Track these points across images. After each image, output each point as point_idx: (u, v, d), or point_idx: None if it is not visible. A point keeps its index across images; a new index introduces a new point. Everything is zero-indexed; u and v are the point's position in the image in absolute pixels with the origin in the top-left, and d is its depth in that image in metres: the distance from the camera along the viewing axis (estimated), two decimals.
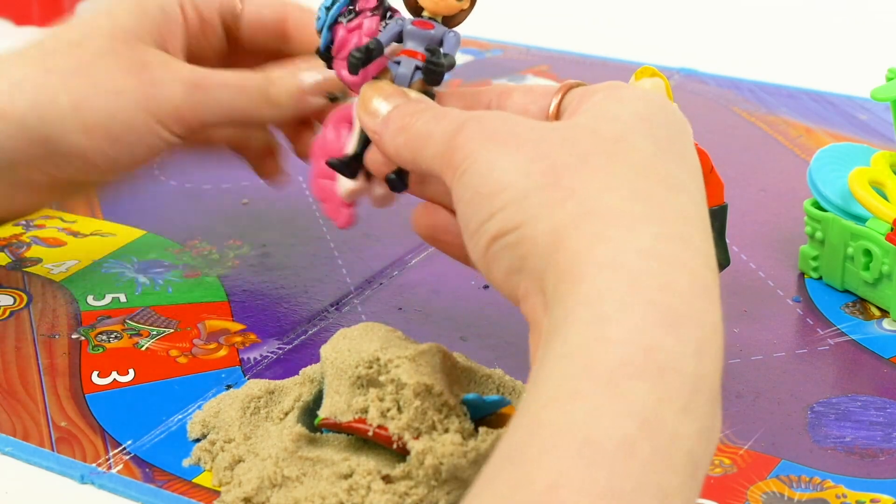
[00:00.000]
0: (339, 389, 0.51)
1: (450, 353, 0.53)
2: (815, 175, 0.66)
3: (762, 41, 1.07)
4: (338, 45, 0.56)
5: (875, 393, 0.58)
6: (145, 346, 0.62)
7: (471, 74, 0.97)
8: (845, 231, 0.64)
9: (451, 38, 0.55)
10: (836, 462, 0.53)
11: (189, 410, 0.57)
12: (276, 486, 0.50)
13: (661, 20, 1.12)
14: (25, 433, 0.55)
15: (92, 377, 0.59)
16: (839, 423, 0.56)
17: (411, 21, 0.55)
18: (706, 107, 0.90)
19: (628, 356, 0.38)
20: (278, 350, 0.61)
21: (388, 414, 0.49)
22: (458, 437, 0.48)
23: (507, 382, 0.56)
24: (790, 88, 0.94)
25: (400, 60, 0.54)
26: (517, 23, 1.11)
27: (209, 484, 0.52)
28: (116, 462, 0.53)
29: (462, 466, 0.48)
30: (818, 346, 0.61)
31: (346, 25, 0.56)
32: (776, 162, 0.81)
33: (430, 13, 0.55)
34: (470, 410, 0.50)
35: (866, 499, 0.51)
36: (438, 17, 0.55)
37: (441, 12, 0.55)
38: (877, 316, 0.64)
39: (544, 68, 0.98)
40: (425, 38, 0.55)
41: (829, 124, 0.87)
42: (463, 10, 0.56)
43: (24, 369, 0.60)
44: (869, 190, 0.63)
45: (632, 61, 0.98)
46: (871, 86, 0.65)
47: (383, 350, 0.51)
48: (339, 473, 0.49)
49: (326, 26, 0.56)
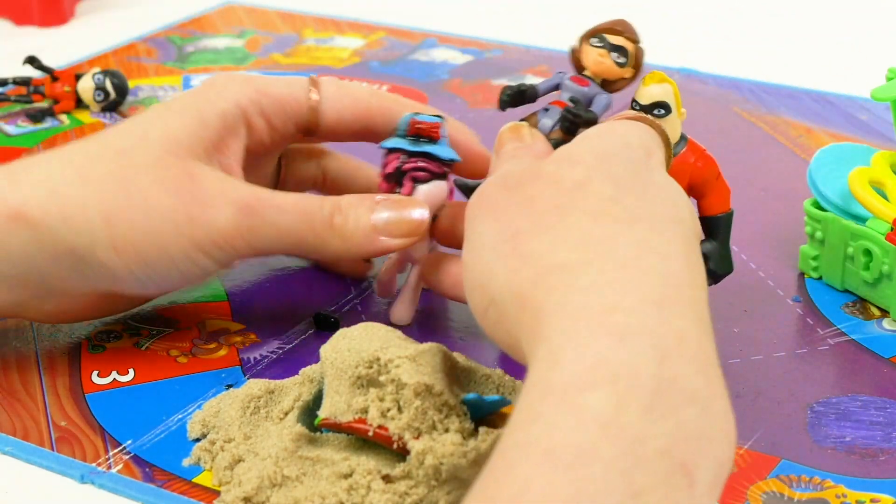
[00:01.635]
0: (339, 389, 0.51)
1: (450, 353, 0.53)
2: (815, 175, 0.66)
3: (762, 41, 1.07)
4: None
5: (875, 393, 0.58)
6: (145, 346, 0.62)
7: (471, 74, 0.97)
8: (845, 231, 0.64)
9: (601, 99, 0.59)
10: (836, 462, 0.53)
11: (189, 410, 0.57)
12: (276, 486, 0.50)
13: (661, 20, 1.12)
14: (25, 433, 0.55)
15: (92, 377, 0.59)
16: (839, 422, 0.56)
17: (570, 76, 0.59)
18: (706, 107, 0.90)
19: (578, 373, 0.41)
20: (278, 350, 0.61)
21: (388, 414, 0.49)
22: (459, 437, 0.48)
23: (507, 382, 0.56)
24: (790, 88, 0.94)
25: (549, 109, 0.59)
26: (517, 23, 1.11)
27: (209, 484, 0.52)
28: (116, 462, 0.53)
29: (462, 466, 0.48)
30: (818, 345, 0.61)
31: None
32: (776, 162, 0.81)
33: (591, 73, 0.59)
34: (470, 410, 0.50)
35: (866, 499, 0.51)
36: (598, 78, 0.58)
37: (601, 74, 0.60)
38: (877, 316, 0.64)
39: (544, 68, 0.98)
40: (577, 93, 0.59)
41: (829, 124, 0.87)
42: (624, 79, 0.60)
43: (24, 369, 0.60)
44: (869, 190, 0.63)
45: None
46: (871, 86, 0.65)
47: (383, 350, 0.51)
48: (339, 473, 0.49)
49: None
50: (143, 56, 1.01)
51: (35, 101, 0.90)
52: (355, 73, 0.98)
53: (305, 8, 1.13)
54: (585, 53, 0.59)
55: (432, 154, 0.59)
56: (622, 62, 0.58)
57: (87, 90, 0.89)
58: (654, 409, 0.40)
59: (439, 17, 1.12)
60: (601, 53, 0.58)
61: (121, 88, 0.89)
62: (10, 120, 0.88)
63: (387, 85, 0.95)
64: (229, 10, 1.14)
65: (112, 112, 0.90)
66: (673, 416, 0.40)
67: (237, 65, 0.99)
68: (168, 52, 1.02)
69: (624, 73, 0.59)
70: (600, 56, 0.58)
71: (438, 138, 0.59)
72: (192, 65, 0.99)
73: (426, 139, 0.59)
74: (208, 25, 1.09)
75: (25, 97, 0.90)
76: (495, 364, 0.58)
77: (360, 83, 0.64)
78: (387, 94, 0.64)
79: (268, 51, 1.03)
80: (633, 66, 0.59)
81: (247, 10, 1.14)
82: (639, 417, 0.39)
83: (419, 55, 1.02)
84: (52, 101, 0.89)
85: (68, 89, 0.89)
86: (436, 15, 1.12)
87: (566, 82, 0.60)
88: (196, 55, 1.02)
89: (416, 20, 1.10)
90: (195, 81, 0.96)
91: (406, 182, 0.59)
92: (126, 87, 0.90)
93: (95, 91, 0.88)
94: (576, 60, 0.60)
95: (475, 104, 0.91)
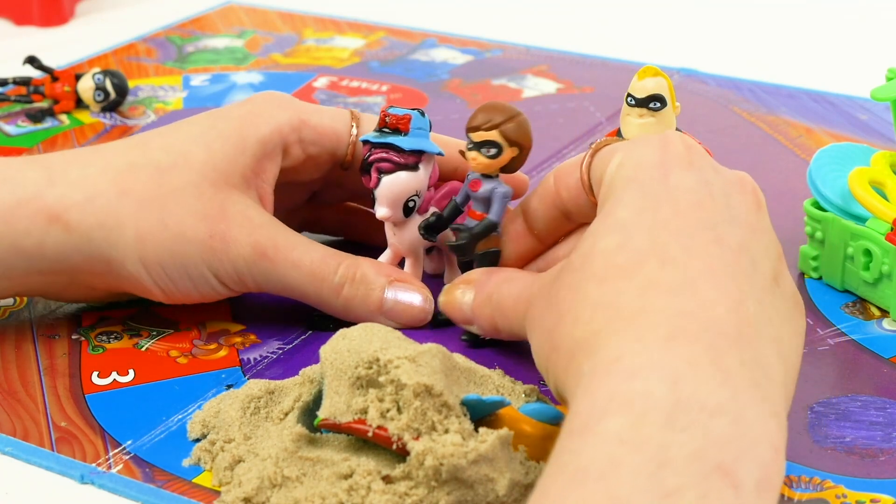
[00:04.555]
0: (338, 390, 0.51)
1: (449, 354, 0.53)
2: (815, 175, 0.66)
3: (762, 41, 1.07)
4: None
5: (875, 393, 0.58)
6: (145, 347, 0.62)
7: (471, 74, 0.97)
8: (845, 231, 0.64)
9: (495, 199, 0.59)
10: (836, 462, 0.53)
11: (189, 410, 0.57)
12: (276, 487, 0.50)
13: (661, 20, 1.12)
14: (25, 433, 0.55)
15: (92, 377, 0.59)
16: (839, 423, 0.56)
17: (470, 180, 0.60)
18: (706, 107, 0.91)
19: (592, 409, 0.43)
20: (278, 350, 0.61)
21: (387, 414, 0.49)
22: (458, 437, 0.48)
23: (506, 383, 0.56)
24: (790, 88, 0.94)
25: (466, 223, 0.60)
26: (517, 23, 1.11)
27: (209, 484, 0.52)
28: (116, 462, 0.53)
29: (462, 467, 0.48)
30: (818, 346, 0.61)
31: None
32: (776, 162, 0.81)
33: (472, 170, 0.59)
34: (469, 411, 0.50)
35: (866, 499, 0.51)
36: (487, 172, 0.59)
37: (485, 171, 0.59)
38: (877, 316, 0.64)
39: (544, 68, 0.98)
40: (478, 200, 0.60)
41: (829, 124, 0.87)
42: (513, 158, 0.59)
43: (24, 369, 0.60)
44: (869, 190, 0.63)
45: (632, 61, 0.98)
46: (871, 86, 0.65)
47: (383, 350, 0.51)
48: (339, 474, 0.49)
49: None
50: (143, 56, 1.01)
51: (35, 101, 0.90)
52: (355, 73, 0.98)
53: (305, 8, 1.13)
54: (468, 157, 0.59)
55: (396, 145, 0.59)
56: (494, 153, 0.58)
57: (87, 90, 0.89)
58: (675, 422, 0.42)
59: (439, 17, 1.12)
60: (472, 156, 0.58)
61: (121, 88, 0.89)
62: (10, 120, 0.88)
63: (387, 85, 0.95)
64: (229, 10, 1.14)
65: (112, 112, 0.90)
66: (699, 426, 0.42)
67: (237, 65, 0.99)
68: (168, 52, 1.02)
69: (504, 157, 0.58)
70: (473, 158, 0.58)
71: (407, 130, 0.59)
72: (192, 65, 0.99)
73: (393, 130, 0.59)
74: (208, 25, 1.09)
75: (25, 97, 0.90)
76: (495, 364, 0.58)
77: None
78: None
79: (268, 51, 1.03)
80: (511, 144, 0.58)
81: (247, 10, 1.14)
82: (658, 430, 0.42)
83: (419, 55, 1.02)
84: (52, 101, 0.89)
85: (68, 89, 0.89)
86: (436, 15, 1.12)
87: (466, 188, 0.60)
88: (196, 55, 1.02)
89: (416, 20, 1.10)
90: (195, 81, 0.96)
91: (372, 173, 0.60)
92: (126, 87, 0.90)
93: (95, 91, 0.88)
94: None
95: (475, 104, 0.91)
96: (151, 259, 0.59)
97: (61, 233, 0.58)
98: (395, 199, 0.60)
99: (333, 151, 0.63)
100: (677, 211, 0.49)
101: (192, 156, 0.60)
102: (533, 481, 0.49)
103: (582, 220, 0.58)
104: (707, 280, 0.47)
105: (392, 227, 0.62)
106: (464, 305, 0.59)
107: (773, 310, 0.48)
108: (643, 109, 0.60)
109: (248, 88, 0.94)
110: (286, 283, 0.60)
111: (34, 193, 0.58)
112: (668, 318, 0.46)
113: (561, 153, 0.82)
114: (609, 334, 0.46)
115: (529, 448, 0.50)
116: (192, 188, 0.59)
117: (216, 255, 0.59)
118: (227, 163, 0.60)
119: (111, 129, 0.87)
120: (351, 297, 0.60)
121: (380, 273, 0.60)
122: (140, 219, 0.58)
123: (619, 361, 0.44)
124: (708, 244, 0.48)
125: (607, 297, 0.47)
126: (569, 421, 0.44)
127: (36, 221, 0.58)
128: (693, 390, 0.43)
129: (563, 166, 0.57)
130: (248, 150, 0.60)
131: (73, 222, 0.58)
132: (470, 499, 0.48)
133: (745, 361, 0.45)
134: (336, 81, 0.96)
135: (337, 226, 0.70)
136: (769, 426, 0.43)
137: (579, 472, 0.41)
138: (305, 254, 0.60)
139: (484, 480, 0.48)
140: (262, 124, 0.61)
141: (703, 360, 0.44)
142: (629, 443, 0.41)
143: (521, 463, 0.50)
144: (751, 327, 0.46)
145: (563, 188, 0.57)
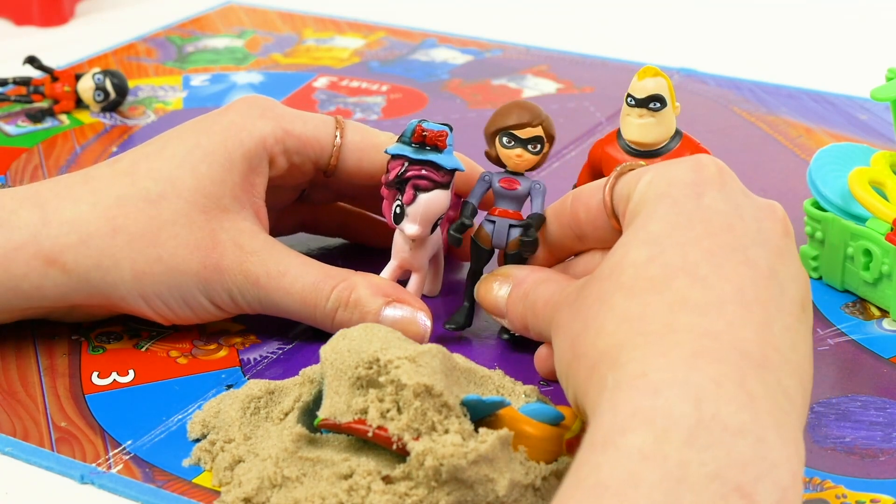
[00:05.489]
0: (338, 390, 0.51)
1: (450, 354, 0.53)
2: (815, 175, 0.66)
3: (762, 41, 1.07)
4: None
5: (875, 393, 0.58)
6: (145, 347, 0.62)
7: (471, 74, 0.97)
8: (845, 231, 0.64)
9: (537, 195, 0.59)
10: (836, 462, 0.53)
11: (189, 410, 0.57)
12: (276, 487, 0.50)
13: (661, 20, 1.12)
14: (25, 433, 0.55)
15: (92, 378, 0.59)
16: (839, 423, 0.56)
17: (499, 179, 0.59)
18: (706, 107, 0.90)
19: (615, 423, 0.44)
20: (278, 350, 0.61)
21: (387, 415, 0.49)
22: (458, 437, 0.48)
23: (506, 383, 0.56)
24: (790, 88, 0.94)
25: (494, 221, 0.59)
26: (517, 23, 1.11)
27: (209, 484, 0.52)
28: (116, 462, 0.53)
29: (462, 467, 0.48)
30: (818, 346, 0.61)
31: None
32: (776, 162, 0.81)
33: (512, 169, 0.59)
34: (470, 411, 0.50)
35: (866, 499, 0.51)
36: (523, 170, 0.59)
37: (525, 168, 0.59)
38: (877, 316, 0.64)
39: (544, 68, 0.98)
40: (514, 199, 0.59)
41: (829, 124, 0.87)
42: (545, 152, 0.59)
43: (24, 369, 0.60)
44: (869, 190, 0.63)
45: (632, 61, 0.98)
46: (871, 86, 0.65)
47: (383, 351, 0.50)
48: (339, 474, 0.49)
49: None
50: (143, 56, 1.01)
51: (35, 101, 0.90)
52: (355, 73, 0.98)
53: (305, 8, 1.13)
54: (503, 154, 0.59)
55: (435, 163, 0.58)
56: (539, 149, 0.58)
57: (87, 90, 0.89)
58: (696, 441, 0.42)
59: (439, 17, 1.12)
60: (518, 153, 0.58)
61: (121, 88, 0.89)
62: (10, 120, 0.88)
63: (387, 85, 0.95)
64: (229, 10, 1.14)
65: (112, 112, 0.90)
66: (721, 446, 0.42)
67: (237, 65, 0.99)
68: (168, 52, 1.02)
69: (545, 152, 0.59)
70: (518, 156, 0.58)
71: (444, 147, 0.58)
72: (192, 65, 0.99)
73: (431, 147, 0.58)
74: (208, 25, 1.09)
75: (25, 97, 0.90)
76: (495, 364, 0.58)
77: (386, 132, 0.64)
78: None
79: (268, 51, 1.03)
80: (549, 139, 0.59)
81: (247, 10, 1.14)
82: (679, 448, 0.42)
83: (419, 55, 1.02)
84: (52, 101, 0.89)
85: (68, 89, 0.89)
86: (436, 15, 1.12)
87: (497, 187, 0.59)
88: (196, 55, 1.02)
89: (416, 20, 1.10)
90: (195, 81, 0.96)
91: (408, 190, 0.58)
92: (126, 87, 0.90)
93: (95, 91, 0.88)
94: (495, 160, 0.59)
95: (475, 104, 0.91)
96: (149, 292, 0.59)
97: (59, 275, 0.59)
98: (429, 217, 0.59)
99: (316, 160, 0.63)
100: (709, 231, 0.49)
101: (181, 183, 0.60)
102: (533, 481, 0.49)
103: (595, 245, 0.58)
104: (735, 301, 0.47)
105: (408, 241, 0.60)
106: (499, 299, 0.59)
107: (799, 336, 0.48)
108: (643, 109, 0.60)
109: (248, 88, 0.94)
110: (280, 308, 0.60)
111: (30, 236, 0.59)
112: (695, 337, 0.46)
113: (561, 153, 0.82)
114: (634, 348, 0.46)
115: (529, 448, 0.50)
116: (183, 219, 0.59)
117: (210, 285, 0.59)
118: (215, 186, 0.60)
119: (111, 129, 0.87)
120: (345, 321, 0.59)
121: (376, 294, 0.60)
122: (135, 256, 0.59)
123: (644, 377, 0.45)
124: (738, 266, 0.48)
125: (634, 310, 0.47)
126: (590, 434, 0.44)
127: (33, 266, 0.59)
128: (716, 410, 0.43)
129: (584, 188, 0.57)
130: (234, 168, 0.60)
131: (70, 264, 0.59)
132: (470, 499, 0.48)
133: (768, 385, 0.45)
134: (336, 81, 0.96)
135: (335, 227, 0.70)
136: (789, 450, 0.44)
137: (598, 486, 0.42)
138: (297, 280, 0.60)
139: (484, 481, 0.48)
140: (245, 138, 0.60)
141: (727, 381, 0.44)
142: (650, 459, 0.42)
143: (521, 463, 0.50)
144: (776, 352, 0.46)
145: (581, 209, 0.57)
